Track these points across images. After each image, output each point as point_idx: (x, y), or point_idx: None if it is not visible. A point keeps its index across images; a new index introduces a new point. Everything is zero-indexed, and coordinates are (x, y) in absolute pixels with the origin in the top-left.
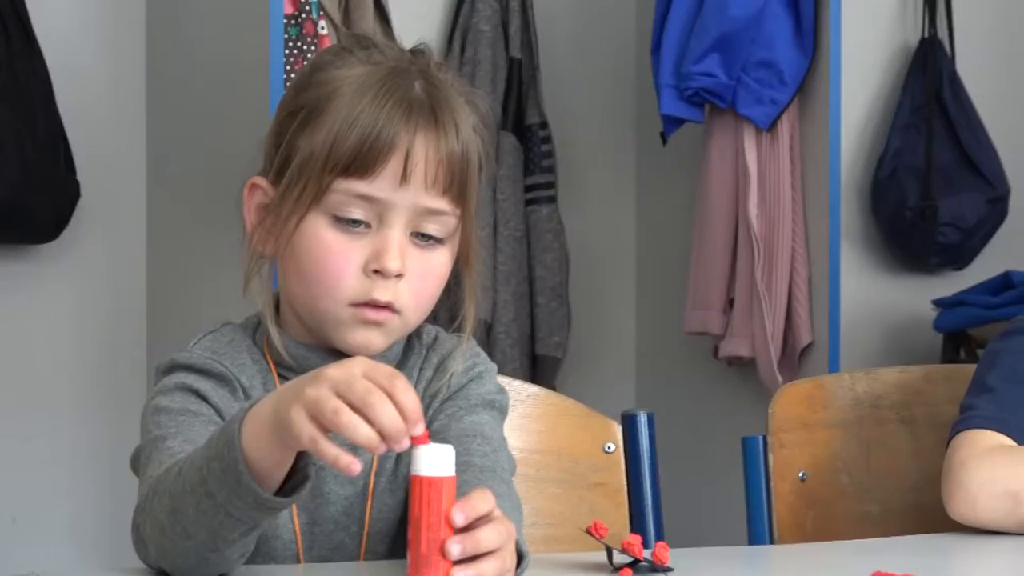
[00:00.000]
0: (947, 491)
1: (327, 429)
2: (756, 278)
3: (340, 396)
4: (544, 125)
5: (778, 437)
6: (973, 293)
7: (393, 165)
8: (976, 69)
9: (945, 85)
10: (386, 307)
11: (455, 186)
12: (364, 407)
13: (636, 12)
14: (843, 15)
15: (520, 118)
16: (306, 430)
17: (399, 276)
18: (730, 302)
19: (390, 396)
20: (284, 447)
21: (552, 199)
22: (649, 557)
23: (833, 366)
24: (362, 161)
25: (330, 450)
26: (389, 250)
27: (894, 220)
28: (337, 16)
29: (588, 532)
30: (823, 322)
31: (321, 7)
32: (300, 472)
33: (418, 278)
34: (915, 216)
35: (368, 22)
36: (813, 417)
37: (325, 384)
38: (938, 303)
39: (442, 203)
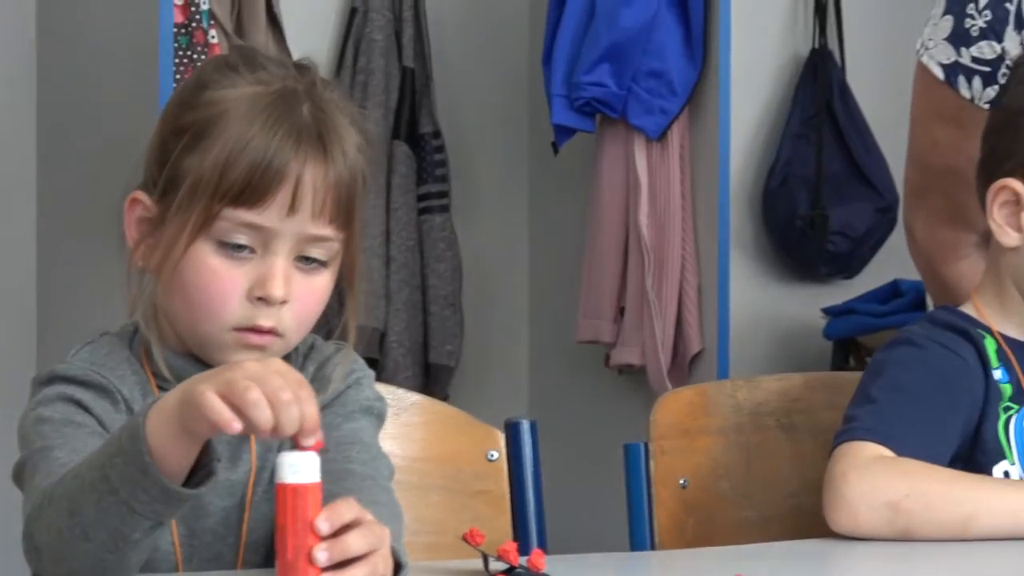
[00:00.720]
0: (828, 503)
1: (234, 408)
2: (646, 287)
3: (254, 383)
4: (437, 134)
5: (659, 444)
6: (862, 301)
7: (282, 196)
8: (866, 79)
9: (835, 95)
10: (269, 332)
11: (341, 214)
12: (274, 400)
13: (529, 22)
14: (733, 26)
15: (413, 127)
16: (211, 400)
17: (283, 302)
18: (621, 311)
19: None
20: (189, 438)
21: (445, 208)
22: (525, 564)
23: (722, 374)
24: (252, 192)
25: (221, 409)
26: (274, 278)
27: (784, 229)
28: (229, 25)
29: (464, 539)
30: (713, 330)
31: (212, 16)
32: (204, 468)
33: (301, 301)
34: (805, 225)
35: (261, 32)
36: (694, 424)
37: (241, 371)
38: (828, 311)
39: (328, 230)
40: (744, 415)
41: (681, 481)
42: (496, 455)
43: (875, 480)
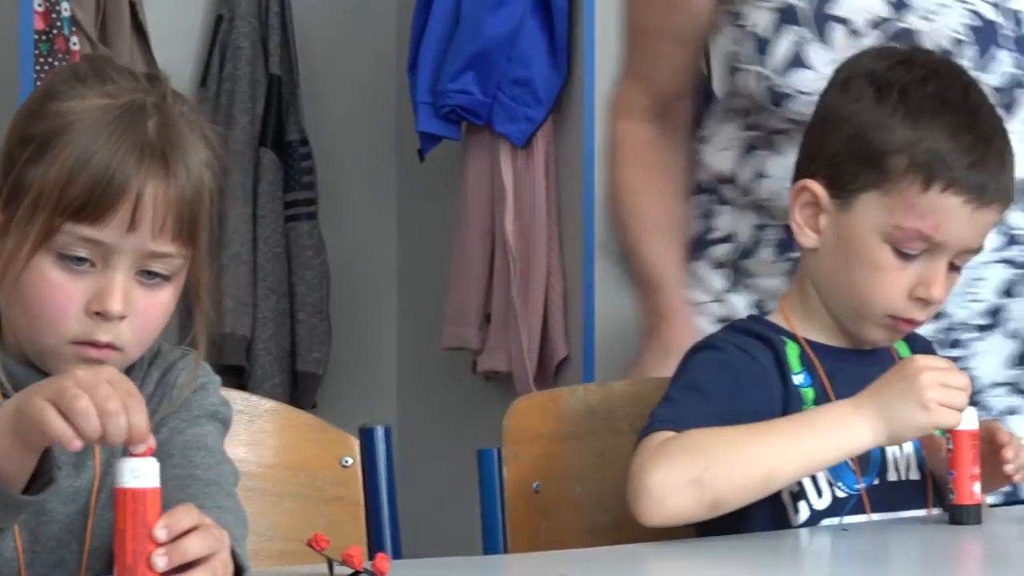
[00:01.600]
0: (633, 498)
1: (63, 416)
2: (512, 293)
3: (83, 391)
4: (304, 142)
5: (512, 449)
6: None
7: (122, 212)
8: None
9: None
10: (107, 346)
11: (184, 231)
12: (101, 410)
13: (396, 29)
14: (597, 34)
15: (280, 135)
16: (42, 408)
17: (122, 317)
18: (487, 317)
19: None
20: (26, 447)
21: (312, 215)
22: (369, 568)
23: (588, 379)
24: (92, 208)
25: (58, 424)
26: (112, 293)
27: None
28: (93, 32)
29: (309, 544)
30: (578, 336)
31: (75, 23)
32: (44, 474)
33: (141, 316)
34: None
35: (125, 39)
36: (547, 429)
37: (71, 379)
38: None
39: (170, 247)
40: (597, 420)
41: (534, 485)
42: (350, 461)
43: (671, 463)
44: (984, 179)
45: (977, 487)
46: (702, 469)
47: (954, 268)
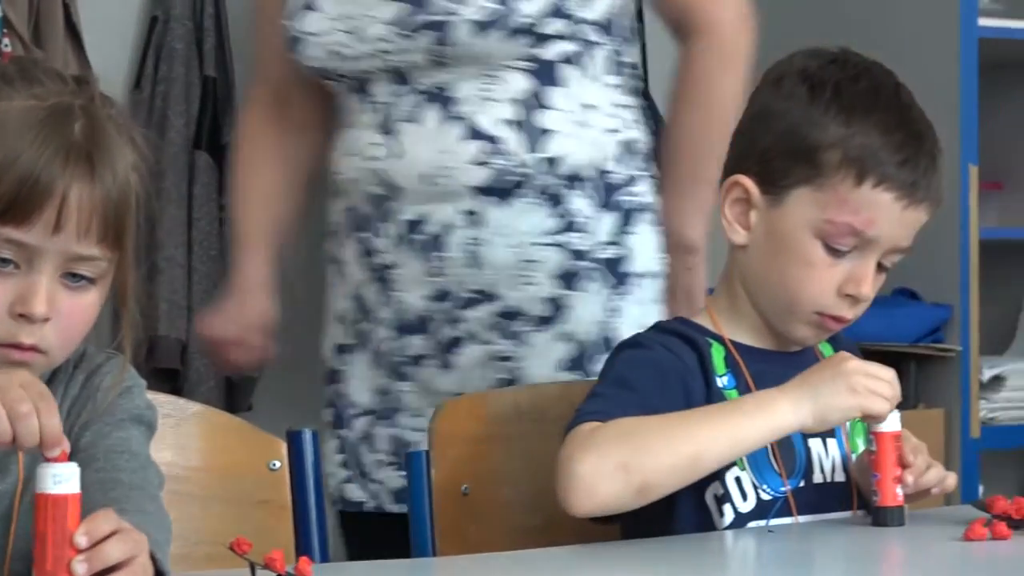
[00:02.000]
0: (563, 489)
1: None
2: None
3: None
4: None
5: (441, 451)
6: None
7: (47, 214)
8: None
9: None
10: (31, 348)
11: (110, 234)
12: (12, 413)
13: None
14: None
15: (215, 137)
16: None
17: (46, 319)
18: None
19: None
20: None
21: None
22: (292, 572)
23: None
24: (17, 209)
25: None
26: (36, 295)
27: None
28: (26, 33)
29: (231, 548)
30: None
31: (8, 24)
32: None
33: (65, 319)
34: None
35: (58, 40)
36: (476, 431)
37: None
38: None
39: (94, 250)
40: (527, 422)
41: (463, 488)
42: (278, 464)
43: (599, 450)
44: (915, 177)
45: (900, 489)
46: (630, 454)
47: (882, 268)
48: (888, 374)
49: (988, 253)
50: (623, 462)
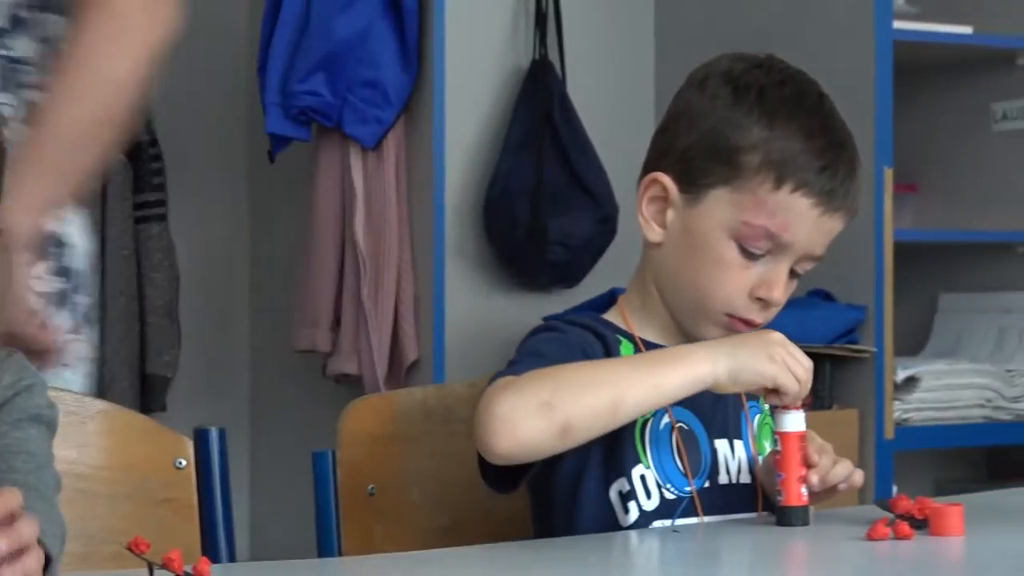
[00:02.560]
0: (484, 431)
1: None
2: (363, 295)
3: None
4: (154, 143)
5: (347, 452)
6: (581, 310)
7: None
8: (586, 90)
9: (555, 106)
10: None
11: None
12: None
13: (248, 29)
14: (451, 36)
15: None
16: None
17: None
18: (338, 320)
19: None
20: None
21: (163, 217)
22: (190, 571)
23: (439, 382)
24: None
25: None
26: None
27: (505, 239)
28: None
29: (129, 548)
30: (429, 339)
31: None
32: None
33: None
34: (525, 235)
35: None
36: (383, 431)
37: None
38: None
39: None
40: (435, 422)
41: (369, 488)
42: (184, 463)
43: (520, 391)
44: (833, 185)
45: (805, 489)
46: (551, 393)
47: (794, 275)
48: (807, 361)
49: (903, 255)
50: (546, 400)
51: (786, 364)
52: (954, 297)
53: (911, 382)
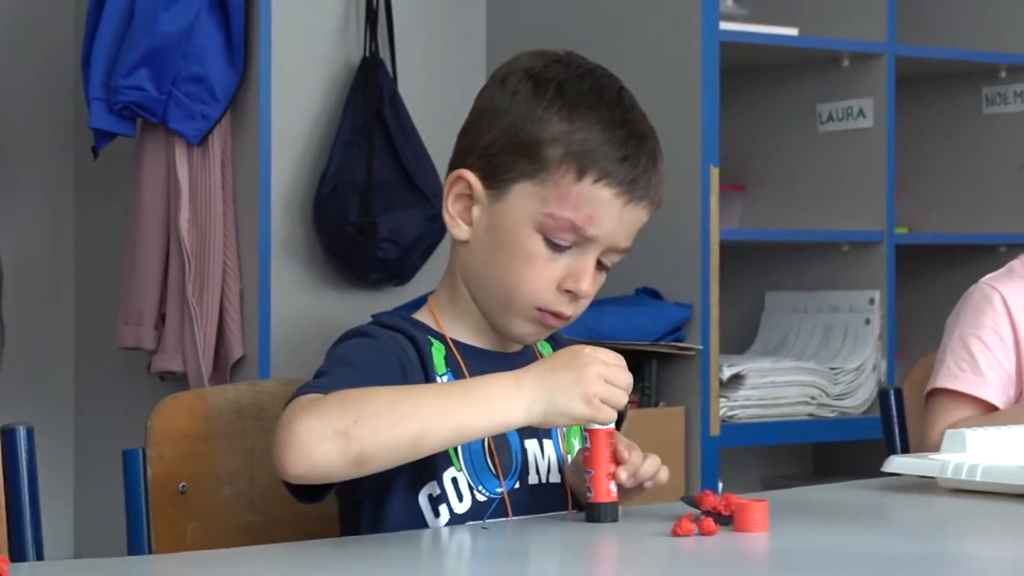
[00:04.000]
0: (280, 450)
1: None
2: (188, 292)
3: None
4: None
5: (157, 450)
6: (409, 308)
7: None
8: (417, 88)
9: (386, 104)
10: None
11: None
12: None
13: (74, 23)
14: (277, 32)
15: None
16: None
17: None
18: (163, 317)
19: None
20: None
21: None
22: None
23: (264, 379)
24: None
25: None
26: None
27: (335, 236)
28: None
29: None
30: (254, 336)
31: None
32: None
33: None
34: (355, 232)
35: None
36: (195, 429)
37: None
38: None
39: None
40: (247, 419)
41: (180, 486)
42: None
43: (321, 413)
44: (635, 175)
45: (614, 485)
46: (351, 422)
47: (602, 267)
48: (625, 380)
49: (730, 253)
50: (343, 429)
51: (602, 400)
52: (780, 295)
53: (737, 379)
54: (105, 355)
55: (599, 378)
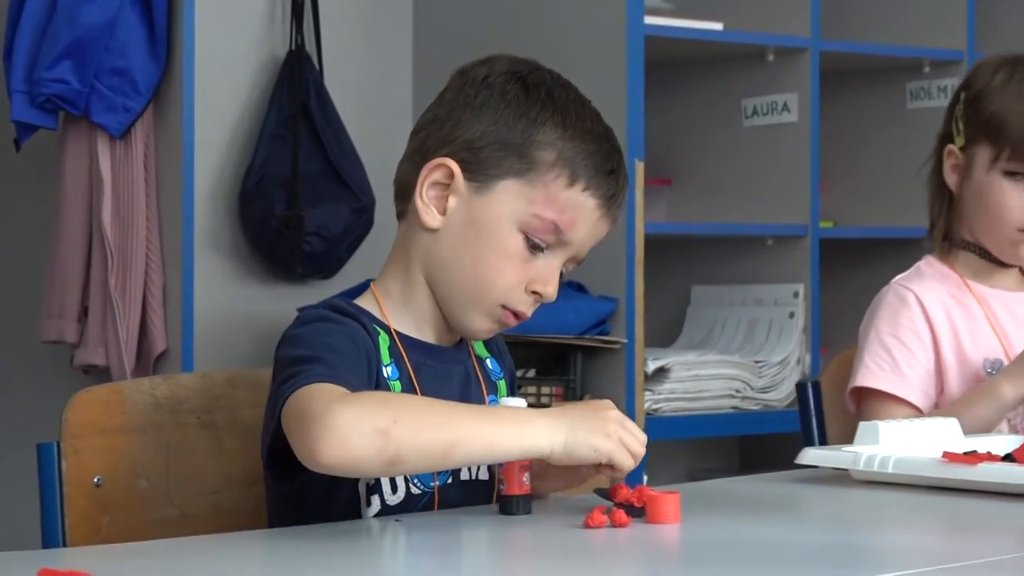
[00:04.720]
0: (314, 436)
1: None
2: (111, 286)
3: None
4: None
5: (72, 443)
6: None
7: None
8: (343, 82)
9: (312, 97)
10: None
11: None
12: None
13: None
14: (201, 25)
15: None
16: None
17: None
18: (85, 310)
19: None
20: None
21: None
22: None
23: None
24: None
25: None
26: None
27: (260, 229)
28: None
29: None
30: (177, 329)
31: None
32: None
33: None
34: (281, 225)
35: None
36: (110, 422)
37: None
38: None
39: None
40: (164, 413)
41: (95, 480)
42: None
43: (361, 408)
44: (616, 190)
45: (527, 477)
46: (390, 421)
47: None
48: (642, 436)
49: (656, 247)
50: (383, 428)
51: (621, 441)
52: (706, 289)
53: (661, 373)
54: (28, 349)
55: (619, 422)
